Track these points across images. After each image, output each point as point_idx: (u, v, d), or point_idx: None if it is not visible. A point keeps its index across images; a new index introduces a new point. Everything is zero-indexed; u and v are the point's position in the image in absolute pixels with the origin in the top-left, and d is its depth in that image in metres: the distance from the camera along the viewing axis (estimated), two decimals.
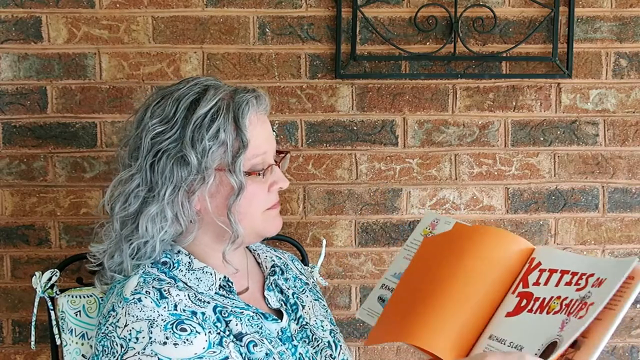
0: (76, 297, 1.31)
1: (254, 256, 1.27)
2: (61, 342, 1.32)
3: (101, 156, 1.67)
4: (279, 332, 1.13)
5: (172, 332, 0.99)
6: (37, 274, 1.33)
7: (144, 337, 0.98)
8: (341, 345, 1.21)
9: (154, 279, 1.07)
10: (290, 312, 1.19)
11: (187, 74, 1.66)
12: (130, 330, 0.99)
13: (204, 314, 1.04)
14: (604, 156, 1.71)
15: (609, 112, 1.70)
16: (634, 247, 1.73)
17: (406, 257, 1.18)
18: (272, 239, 1.59)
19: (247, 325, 1.08)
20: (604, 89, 1.70)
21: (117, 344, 0.99)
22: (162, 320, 1.00)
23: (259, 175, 1.10)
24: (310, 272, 1.52)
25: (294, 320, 1.18)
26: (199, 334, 1.01)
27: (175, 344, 0.98)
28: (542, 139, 1.71)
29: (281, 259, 1.31)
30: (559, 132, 1.71)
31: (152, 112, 1.09)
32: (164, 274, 1.09)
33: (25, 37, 1.65)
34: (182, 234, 1.11)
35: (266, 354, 1.06)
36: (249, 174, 1.09)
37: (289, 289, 1.24)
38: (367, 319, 1.18)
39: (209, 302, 1.07)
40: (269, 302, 1.18)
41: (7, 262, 1.70)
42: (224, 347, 1.02)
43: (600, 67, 1.69)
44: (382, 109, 1.69)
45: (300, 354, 1.13)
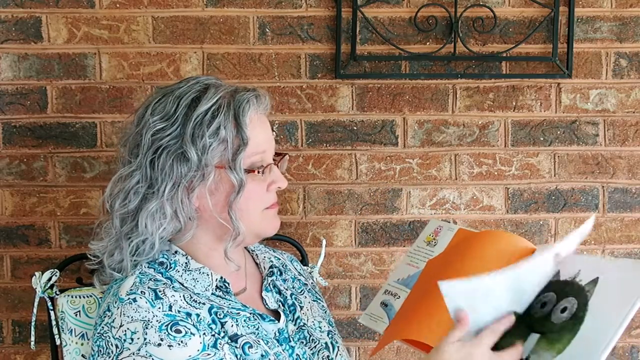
0: (76, 297, 1.31)
1: (252, 257, 1.27)
2: (61, 342, 1.32)
3: (101, 156, 1.68)
4: (276, 333, 1.13)
5: (166, 333, 0.99)
6: (37, 274, 1.33)
7: (138, 338, 0.98)
8: (339, 346, 1.21)
9: (150, 280, 1.07)
10: (287, 313, 1.19)
11: (187, 74, 1.66)
12: (125, 330, 0.99)
13: (198, 315, 1.04)
14: (604, 156, 1.71)
15: (609, 112, 1.70)
16: (634, 247, 1.73)
17: (409, 263, 1.19)
18: (273, 239, 1.59)
19: (243, 326, 1.08)
20: (604, 89, 1.70)
21: (112, 344, 0.99)
22: (157, 321, 1.00)
23: (259, 173, 1.10)
24: (310, 273, 1.52)
25: (292, 321, 1.18)
26: (194, 335, 1.01)
27: (169, 346, 0.98)
28: (542, 139, 1.71)
29: (280, 259, 1.31)
30: (559, 132, 1.71)
31: (152, 110, 1.09)
32: (160, 275, 1.09)
33: (25, 37, 1.65)
34: (180, 231, 1.11)
35: (262, 356, 1.06)
36: (249, 171, 1.09)
37: (287, 289, 1.23)
38: (370, 324, 1.20)
39: (204, 303, 1.07)
40: (267, 303, 1.18)
41: (7, 262, 1.70)
42: (218, 349, 1.02)
43: (600, 67, 1.69)
44: (382, 109, 1.69)
45: (297, 355, 1.13)
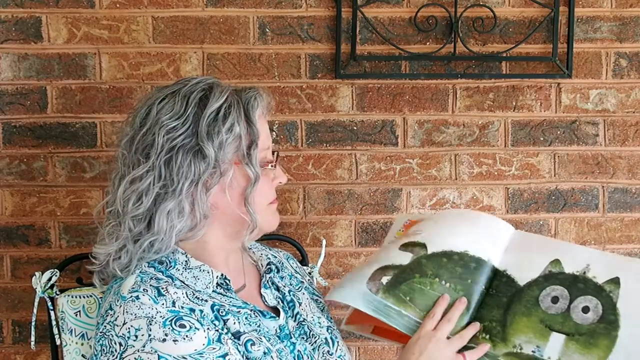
0: (76, 297, 1.31)
1: (250, 255, 1.27)
2: (61, 342, 1.32)
3: (101, 156, 1.67)
4: (277, 329, 1.13)
5: (171, 328, 0.99)
6: (37, 274, 1.33)
7: (143, 335, 0.98)
8: (338, 341, 1.21)
9: (152, 278, 1.07)
10: (287, 309, 1.19)
11: (187, 74, 1.66)
12: (128, 328, 0.99)
13: (202, 311, 1.05)
14: (604, 156, 1.71)
15: (609, 112, 1.70)
16: (634, 247, 1.73)
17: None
18: (273, 238, 1.59)
19: (244, 323, 1.08)
20: (604, 89, 1.70)
21: (115, 343, 0.99)
22: (161, 317, 1.00)
23: (271, 166, 1.14)
24: (309, 271, 1.53)
25: (292, 317, 1.19)
26: (198, 330, 1.01)
27: (174, 341, 0.98)
28: (542, 139, 1.71)
29: (276, 257, 1.32)
30: (559, 132, 1.71)
31: (159, 109, 1.09)
32: (161, 273, 1.09)
33: (25, 37, 1.65)
34: (192, 229, 1.11)
35: (264, 353, 1.06)
36: (262, 165, 1.12)
37: (285, 286, 1.24)
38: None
39: (206, 300, 1.07)
40: (266, 300, 1.19)
41: (7, 262, 1.70)
42: (223, 343, 1.03)
43: (600, 67, 1.69)
44: (382, 109, 1.69)
45: (298, 351, 1.13)
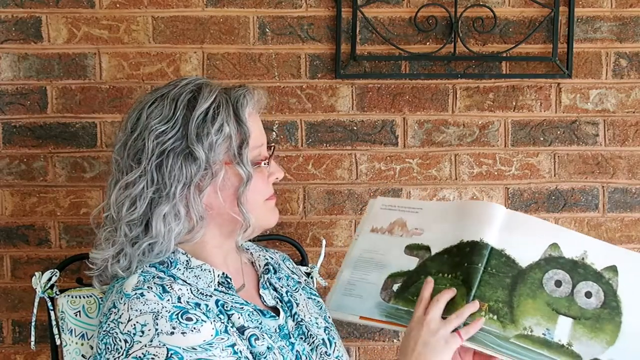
0: (76, 297, 1.31)
1: (247, 255, 1.27)
2: (61, 342, 1.32)
3: (101, 156, 1.67)
4: (276, 329, 1.14)
5: (178, 321, 0.99)
6: (37, 274, 1.33)
7: (149, 330, 0.98)
8: (335, 342, 1.22)
9: (154, 277, 1.07)
10: (286, 309, 1.19)
11: (187, 74, 1.66)
12: (134, 324, 0.99)
13: (207, 305, 1.05)
14: (604, 156, 1.71)
15: (609, 112, 1.70)
16: (634, 247, 1.73)
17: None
18: (273, 239, 1.59)
19: (247, 320, 1.09)
20: (604, 89, 1.70)
21: (120, 340, 0.99)
22: (167, 311, 1.00)
23: (265, 165, 1.14)
24: (309, 271, 1.53)
25: (290, 317, 1.19)
26: (205, 322, 1.01)
27: (183, 333, 0.98)
28: (542, 139, 1.71)
29: (273, 258, 1.32)
30: (559, 132, 1.71)
31: (148, 114, 1.09)
32: (162, 273, 1.09)
33: (25, 37, 1.65)
34: (190, 231, 1.11)
35: (267, 348, 1.07)
36: (254, 164, 1.11)
37: (282, 287, 1.24)
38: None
39: (210, 296, 1.08)
40: (265, 300, 1.19)
41: (7, 262, 1.70)
42: (229, 334, 1.03)
43: (600, 67, 1.69)
44: (382, 109, 1.69)
45: (297, 351, 1.14)
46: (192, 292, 1.06)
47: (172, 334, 0.98)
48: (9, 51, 1.65)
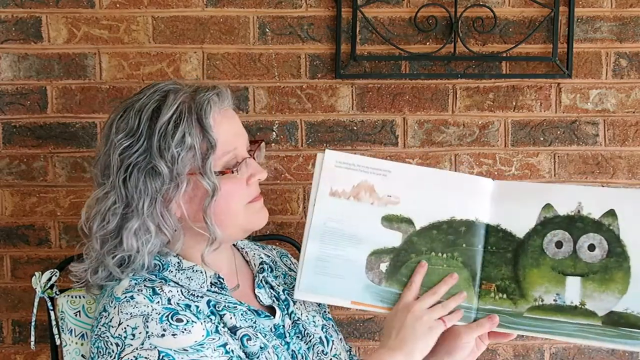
0: (76, 297, 1.31)
1: (242, 254, 1.27)
2: (61, 342, 1.32)
3: None
4: (272, 328, 1.13)
5: (168, 323, 0.99)
6: (37, 274, 1.33)
7: (140, 333, 0.98)
8: (333, 340, 1.21)
9: (145, 280, 1.07)
10: (282, 307, 1.19)
11: (187, 74, 1.66)
12: (125, 328, 0.99)
13: (197, 307, 1.05)
14: (604, 156, 1.71)
15: (609, 112, 1.70)
16: None
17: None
18: (273, 238, 1.59)
19: (240, 319, 1.08)
20: (604, 89, 1.70)
21: (112, 344, 0.99)
22: (157, 313, 1.00)
23: (233, 172, 1.09)
24: None
25: (287, 315, 1.18)
26: (195, 323, 1.01)
27: (173, 335, 0.98)
28: (542, 139, 1.71)
29: (269, 256, 1.31)
30: (559, 132, 1.71)
31: (116, 127, 1.08)
32: (154, 276, 1.09)
33: (25, 37, 1.65)
34: (168, 244, 1.11)
35: (260, 348, 1.06)
36: (223, 172, 1.08)
37: (279, 285, 1.24)
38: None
39: (202, 297, 1.07)
40: (261, 300, 1.19)
41: (7, 262, 1.70)
42: (221, 334, 1.03)
43: (600, 67, 1.69)
44: (382, 109, 1.69)
45: (292, 350, 1.13)
46: (182, 294, 1.05)
47: (162, 336, 0.98)
48: (9, 51, 1.65)
